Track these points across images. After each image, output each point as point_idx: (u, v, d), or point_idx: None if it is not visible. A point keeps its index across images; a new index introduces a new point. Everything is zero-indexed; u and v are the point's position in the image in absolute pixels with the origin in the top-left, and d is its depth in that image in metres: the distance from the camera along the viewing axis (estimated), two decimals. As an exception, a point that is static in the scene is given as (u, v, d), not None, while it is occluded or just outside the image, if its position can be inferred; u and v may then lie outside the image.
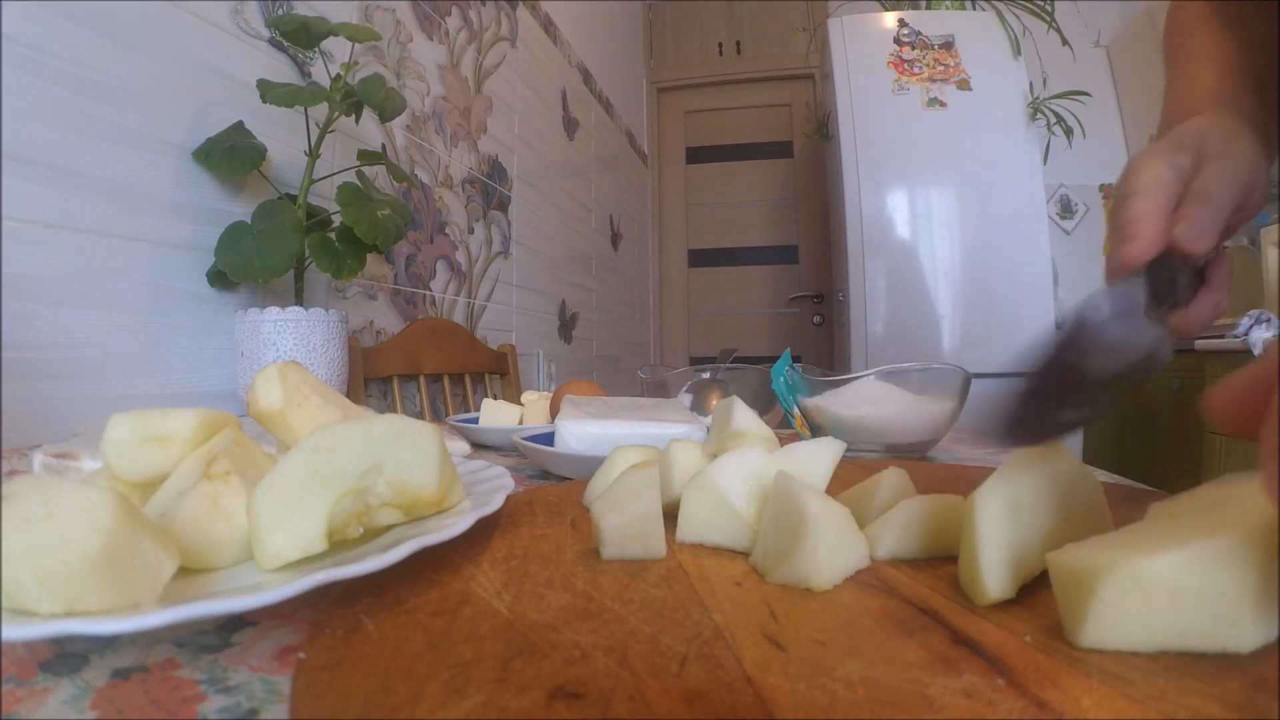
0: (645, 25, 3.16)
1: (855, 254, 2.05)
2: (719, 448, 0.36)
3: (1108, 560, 0.17)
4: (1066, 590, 0.18)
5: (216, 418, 0.28)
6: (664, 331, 3.18)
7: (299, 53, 0.93)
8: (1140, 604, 0.17)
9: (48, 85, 0.62)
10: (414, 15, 1.23)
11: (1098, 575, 0.17)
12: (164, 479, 0.26)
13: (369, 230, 0.72)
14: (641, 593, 0.22)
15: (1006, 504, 0.21)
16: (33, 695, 0.18)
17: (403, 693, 0.16)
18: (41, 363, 0.62)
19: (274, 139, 0.84)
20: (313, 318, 0.71)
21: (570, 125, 2.06)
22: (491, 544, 0.28)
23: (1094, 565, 0.17)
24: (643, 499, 0.26)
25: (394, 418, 0.25)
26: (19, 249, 0.60)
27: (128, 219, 0.70)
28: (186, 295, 0.76)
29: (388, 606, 0.21)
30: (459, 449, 0.42)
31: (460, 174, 1.39)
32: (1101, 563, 0.17)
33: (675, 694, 0.15)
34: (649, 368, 0.89)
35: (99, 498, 0.18)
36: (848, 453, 0.54)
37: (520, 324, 1.67)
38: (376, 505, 0.25)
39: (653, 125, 3.20)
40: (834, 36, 2.15)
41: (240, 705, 0.17)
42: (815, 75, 2.98)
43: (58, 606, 0.17)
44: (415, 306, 1.23)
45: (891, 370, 0.59)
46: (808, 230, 3.00)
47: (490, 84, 1.52)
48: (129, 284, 0.70)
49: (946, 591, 0.22)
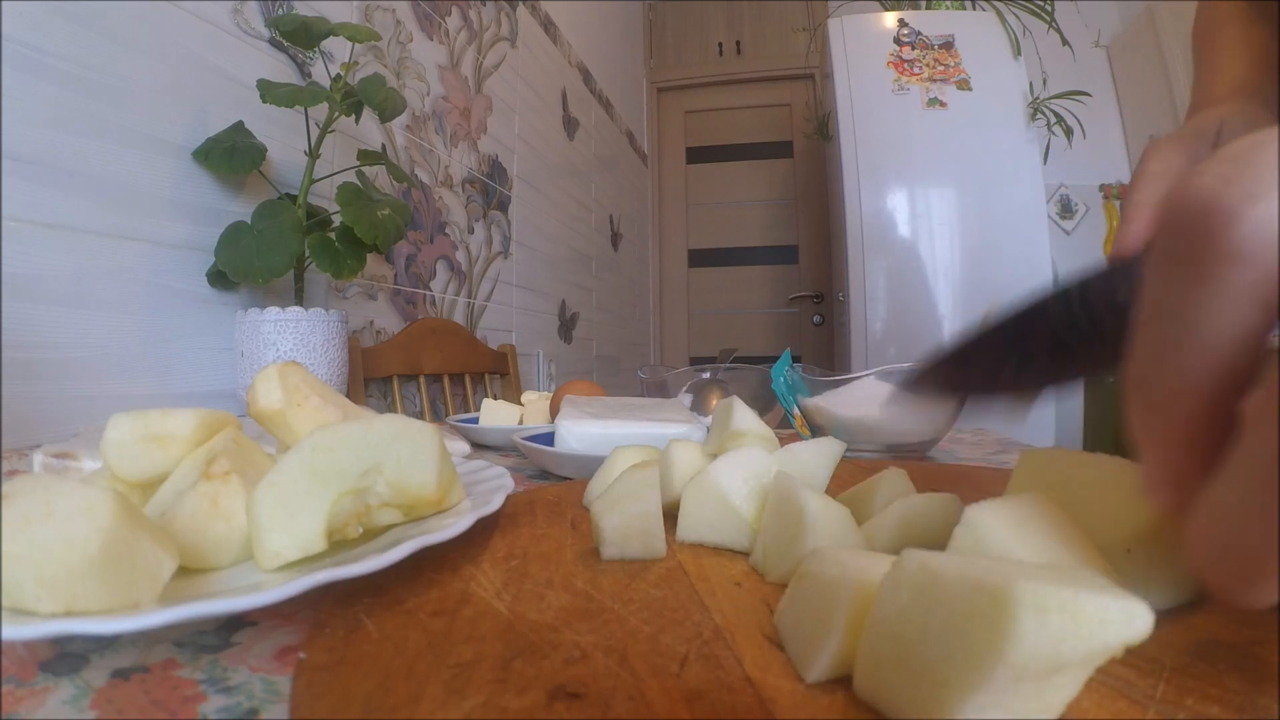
0: (645, 25, 3.16)
1: (855, 254, 2.05)
2: (719, 448, 0.36)
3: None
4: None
5: (216, 418, 0.28)
6: (664, 331, 3.18)
7: (299, 53, 0.93)
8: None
9: (48, 85, 0.62)
10: (414, 15, 1.23)
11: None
12: (164, 479, 0.26)
13: (369, 230, 0.72)
14: (641, 593, 0.22)
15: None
16: (33, 695, 0.18)
17: (403, 693, 0.16)
18: (41, 363, 0.62)
19: (274, 139, 0.84)
20: (313, 318, 0.71)
21: (570, 125, 2.06)
22: (491, 544, 0.28)
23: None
24: (643, 499, 0.25)
25: (394, 418, 0.25)
26: (19, 249, 0.60)
27: (128, 219, 0.70)
28: (186, 295, 0.76)
29: (388, 606, 0.21)
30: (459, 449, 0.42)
31: (460, 174, 1.39)
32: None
33: (675, 694, 0.15)
34: (649, 368, 0.89)
35: (98, 497, 0.18)
36: (848, 453, 0.54)
37: (520, 324, 1.67)
38: (376, 505, 0.25)
39: (653, 125, 3.20)
40: (834, 36, 2.15)
41: (240, 705, 0.17)
42: (815, 75, 2.98)
43: (57, 606, 0.17)
44: (415, 306, 1.23)
45: (891, 370, 0.59)
46: (808, 230, 3.00)
47: (490, 84, 1.52)
48: (129, 284, 0.70)
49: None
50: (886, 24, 2.11)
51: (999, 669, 0.12)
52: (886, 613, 0.14)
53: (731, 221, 3.13)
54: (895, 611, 0.14)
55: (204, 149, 0.74)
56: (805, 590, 0.18)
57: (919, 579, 0.13)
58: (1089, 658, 0.12)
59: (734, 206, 3.13)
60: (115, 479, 0.26)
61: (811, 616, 0.17)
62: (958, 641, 0.12)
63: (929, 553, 0.14)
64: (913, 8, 2.17)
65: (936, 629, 0.13)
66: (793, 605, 0.18)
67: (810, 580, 0.18)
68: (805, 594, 0.18)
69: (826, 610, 0.16)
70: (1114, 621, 0.12)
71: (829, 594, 0.16)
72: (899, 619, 0.14)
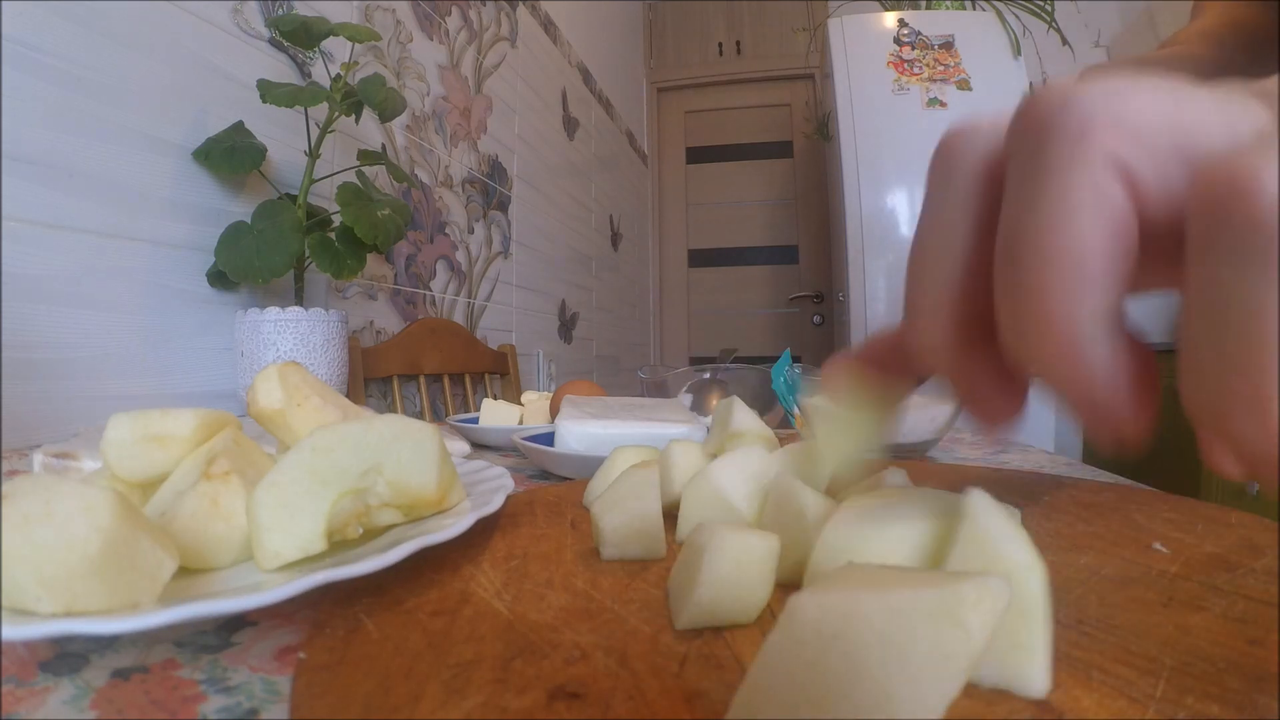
0: (645, 25, 3.16)
1: (855, 254, 2.05)
2: (719, 448, 0.36)
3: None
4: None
5: (216, 418, 0.28)
6: (664, 331, 3.18)
7: (299, 53, 0.93)
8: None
9: (48, 85, 0.62)
10: (414, 15, 1.23)
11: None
12: (164, 479, 0.26)
13: (369, 230, 0.72)
14: (641, 593, 0.22)
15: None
16: (33, 695, 0.18)
17: (403, 693, 0.16)
18: (41, 363, 0.62)
19: (274, 139, 0.84)
20: (313, 318, 0.71)
21: (570, 125, 2.06)
22: (491, 544, 0.28)
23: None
24: (643, 499, 0.25)
25: (394, 418, 0.25)
26: (19, 249, 0.60)
27: (128, 219, 0.70)
28: (186, 295, 0.76)
29: (388, 606, 0.21)
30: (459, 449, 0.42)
31: (460, 174, 1.39)
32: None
33: (675, 694, 0.15)
34: (649, 368, 0.89)
35: (98, 497, 0.18)
36: (848, 453, 0.54)
37: (520, 324, 1.67)
38: (376, 505, 0.25)
39: (653, 125, 3.20)
40: (834, 36, 2.15)
41: (240, 705, 0.17)
42: (815, 75, 2.98)
43: (57, 606, 0.17)
44: (415, 306, 1.23)
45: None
46: (808, 230, 3.00)
47: (490, 84, 1.52)
48: (129, 284, 0.70)
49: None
50: (886, 24, 2.11)
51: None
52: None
53: (731, 221, 3.13)
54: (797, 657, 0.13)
55: (204, 149, 0.74)
56: (684, 557, 0.21)
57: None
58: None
59: (734, 206, 3.13)
60: (115, 479, 0.26)
61: (686, 577, 0.20)
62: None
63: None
64: (913, 8, 2.17)
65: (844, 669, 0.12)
66: (676, 569, 0.22)
67: (687, 549, 0.21)
68: (683, 560, 0.21)
69: (693, 570, 0.19)
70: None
71: (695, 558, 0.20)
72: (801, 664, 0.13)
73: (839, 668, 0.12)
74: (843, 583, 0.14)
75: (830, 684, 0.12)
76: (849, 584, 0.13)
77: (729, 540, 0.19)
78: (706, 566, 0.19)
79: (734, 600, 0.19)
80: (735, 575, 0.19)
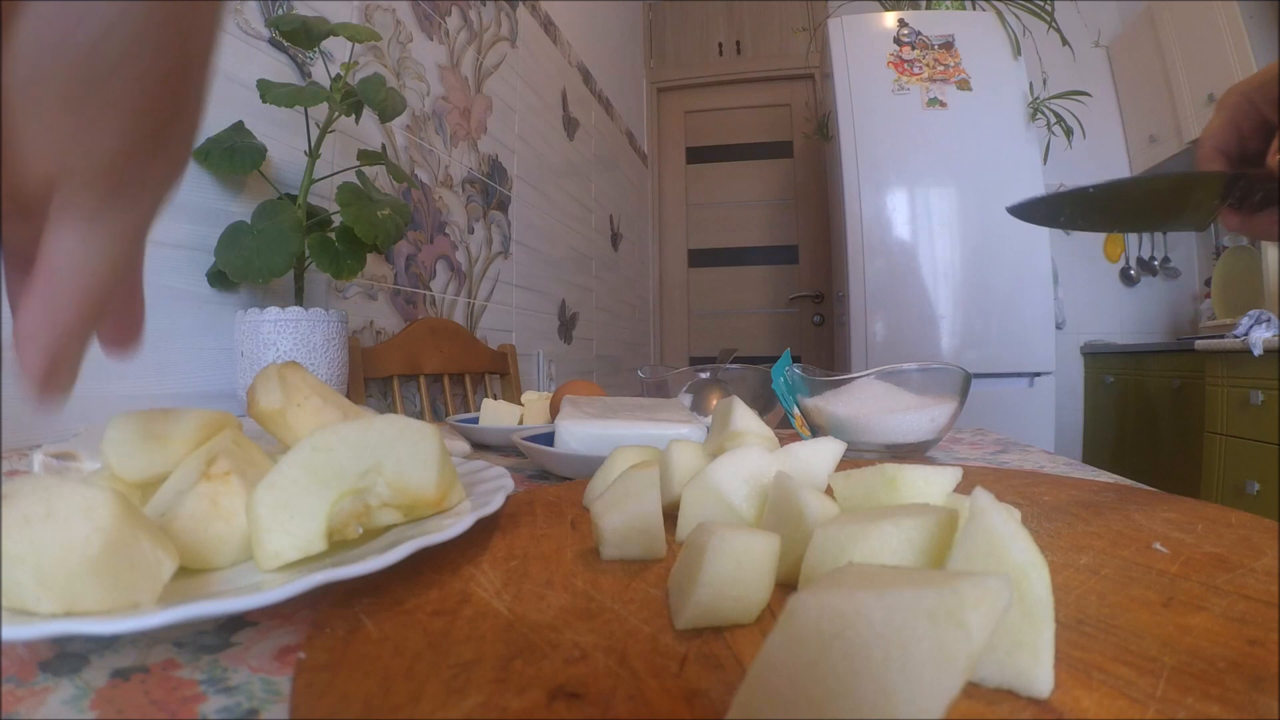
0: (645, 25, 3.16)
1: (855, 254, 2.05)
2: (719, 448, 0.36)
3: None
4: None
5: (216, 418, 0.28)
6: (664, 331, 3.18)
7: (299, 53, 0.93)
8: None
9: (48, 85, 0.62)
10: (414, 15, 1.23)
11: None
12: (164, 479, 0.26)
13: (369, 230, 0.72)
14: (641, 593, 0.22)
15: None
16: (33, 695, 0.18)
17: (403, 693, 0.16)
18: (41, 363, 0.62)
19: (274, 139, 0.84)
20: (313, 318, 0.71)
21: (570, 125, 2.06)
22: (491, 544, 0.28)
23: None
24: (643, 499, 0.25)
25: (393, 418, 0.25)
26: (19, 249, 0.60)
27: (128, 219, 0.70)
28: (186, 295, 0.76)
29: (388, 606, 0.21)
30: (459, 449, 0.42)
31: (460, 174, 1.39)
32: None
33: (675, 694, 0.15)
34: (649, 368, 0.89)
35: (99, 497, 0.18)
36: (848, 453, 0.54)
37: (520, 324, 1.67)
38: (376, 505, 0.25)
39: (653, 125, 3.20)
40: (834, 36, 2.15)
41: (240, 705, 0.17)
42: (815, 75, 2.98)
43: (57, 606, 0.17)
44: (415, 306, 1.23)
45: (891, 370, 0.59)
46: (808, 230, 3.00)
47: (490, 84, 1.52)
48: (129, 284, 0.70)
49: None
50: (886, 24, 2.11)
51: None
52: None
53: (731, 221, 3.13)
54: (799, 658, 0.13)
55: (204, 149, 0.74)
56: (684, 557, 0.21)
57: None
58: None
59: (734, 206, 3.13)
60: (115, 479, 0.26)
61: (686, 577, 0.20)
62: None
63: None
64: (913, 8, 2.17)
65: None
66: (676, 569, 0.22)
67: (687, 549, 0.21)
68: (683, 560, 0.21)
69: (693, 570, 0.19)
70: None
71: (696, 558, 0.20)
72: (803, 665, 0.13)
73: (839, 667, 0.12)
74: (843, 582, 0.14)
75: (830, 684, 0.12)
76: (849, 584, 0.13)
77: (729, 540, 0.19)
78: (706, 566, 0.19)
79: (734, 600, 0.19)
80: (735, 575, 0.19)
